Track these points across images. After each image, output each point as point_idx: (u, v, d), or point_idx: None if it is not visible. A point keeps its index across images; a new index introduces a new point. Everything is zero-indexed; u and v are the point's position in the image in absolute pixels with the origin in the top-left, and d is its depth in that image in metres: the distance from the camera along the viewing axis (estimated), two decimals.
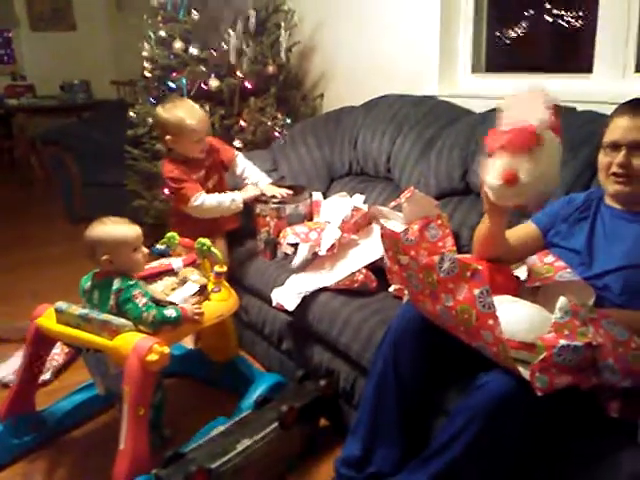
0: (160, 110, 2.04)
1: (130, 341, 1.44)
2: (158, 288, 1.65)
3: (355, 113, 2.55)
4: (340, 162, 2.53)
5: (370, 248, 1.88)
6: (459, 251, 1.82)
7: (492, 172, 1.27)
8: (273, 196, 2.11)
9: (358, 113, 2.52)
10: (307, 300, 1.79)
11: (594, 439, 1.13)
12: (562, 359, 1.08)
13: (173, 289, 1.66)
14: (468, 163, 1.96)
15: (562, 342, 1.09)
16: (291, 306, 1.77)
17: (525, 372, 1.12)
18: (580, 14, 2.35)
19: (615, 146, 1.33)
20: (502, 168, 1.25)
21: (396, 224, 1.91)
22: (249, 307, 2.12)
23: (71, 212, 4.09)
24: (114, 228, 1.55)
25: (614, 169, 1.33)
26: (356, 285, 1.78)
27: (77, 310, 1.53)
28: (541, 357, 1.09)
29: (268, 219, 2.09)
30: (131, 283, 1.53)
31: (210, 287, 1.74)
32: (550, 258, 1.43)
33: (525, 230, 1.53)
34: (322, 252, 1.86)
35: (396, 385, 1.40)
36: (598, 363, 1.11)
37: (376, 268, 1.82)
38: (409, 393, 1.40)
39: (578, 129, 1.69)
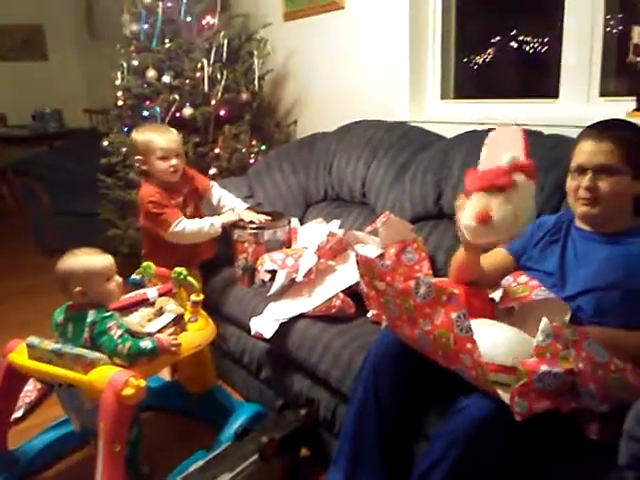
0: (133, 133, 2.09)
1: (105, 375, 1.41)
2: (134, 319, 1.63)
3: (329, 139, 2.57)
4: (315, 188, 2.55)
5: (347, 273, 1.88)
6: (435, 275, 1.84)
7: (467, 211, 1.30)
8: (251, 222, 2.11)
9: (332, 139, 2.55)
10: (286, 327, 1.78)
11: (574, 461, 1.13)
12: (542, 384, 1.09)
13: (149, 320, 1.64)
14: (441, 187, 1.99)
15: (543, 368, 1.09)
16: (268, 333, 1.76)
17: (504, 395, 1.12)
18: (545, 40, 2.42)
19: (581, 170, 1.36)
20: (476, 208, 1.27)
21: (372, 249, 1.92)
22: (227, 336, 2.10)
23: (42, 243, 4.02)
24: (86, 259, 1.53)
25: (581, 193, 1.36)
26: (334, 311, 1.77)
27: (50, 345, 1.49)
28: (522, 382, 1.09)
29: (246, 245, 2.08)
30: (106, 315, 1.50)
31: (187, 317, 1.72)
32: (524, 278, 1.46)
33: (499, 256, 1.55)
34: (299, 278, 1.86)
35: (376, 411, 1.39)
36: (578, 388, 1.11)
37: (354, 293, 1.83)
38: (389, 419, 1.39)
39: (546, 153, 1.73)
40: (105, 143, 2.95)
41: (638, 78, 1.77)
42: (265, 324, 1.79)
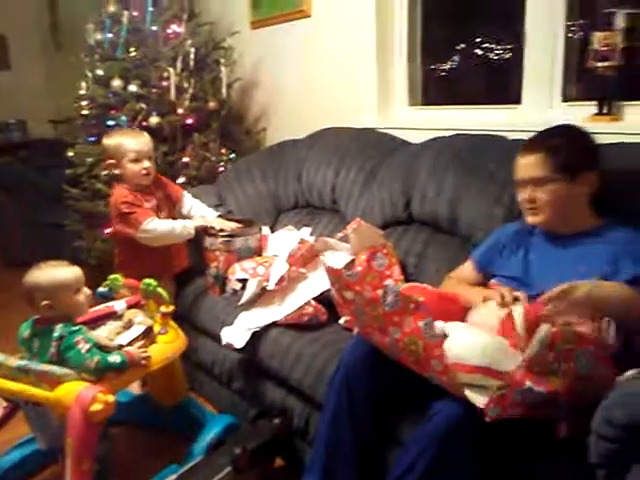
0: (104, 138, 2.10)
1: (73, 391, 1.37)
2: (103, 333, 1.59)
3: (298, 146, 2.57)
4: (286, 195, 2.54)
5: (318, 280, 1.88)
6: (406, 279, 1.84)
7: None
8: (222, 230, 2.10)
9: (301, 146, 2.55)
10: (257, 336, 1.76)
11: (545, 460, 1.14)
12: (521, 398, 1.08)
13: (118, 333, 1.60)
14: (410, 193, 2.00)
15: (528, 384, 1.07)
16: (239, 344, 1.74)
17: (476, 397, 1.12)
18: (508, 47, 2.47)
19: (521, 183, 1.45)
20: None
21: (343, 255, 1.92)
22: (198, 346, 2.07)
23: (7, 256, 3.92)
24: (52, 272, 1.49)
25: (524, 204, 1.46)
26: (306, 318, 1.77)
27: (15, 362, 1.45)
28: (501, 392, 1.08)
29: (217, 253, 2.07)
30: (74, 329, 1.46)
31: (156, 329, 1.69)
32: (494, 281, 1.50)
33: (468, 273, 1.62)
34: (271, 286, 1.85)
35: (350, 418, 1.38)
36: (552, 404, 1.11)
37: (326, 300, 1.82)
38: (363, 425, 1.39)
39: (509, 158, 1.76)
40: (70, 154, 2.90)
41: (598, 83, 1.81)
42: (236, 334, 1.77)
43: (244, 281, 1.93)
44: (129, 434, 1.94)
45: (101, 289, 1.79)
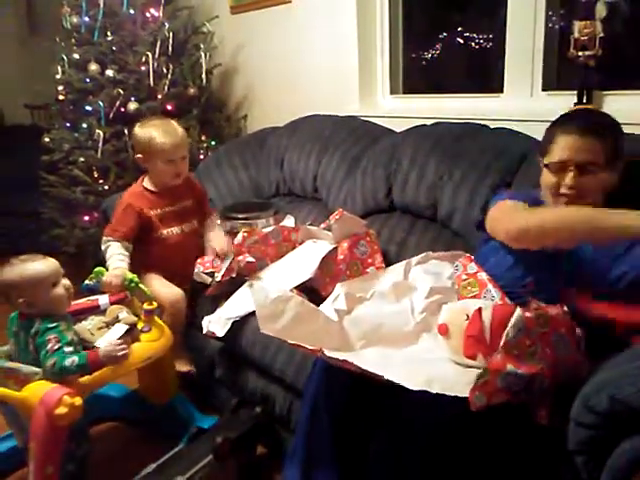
0: (135, 128, 1.91)
1: (39, 391, 1.31)
2: (87, 327, 1.54)
3: (280, 133, 2.55)
4: (267, 183, 2.52)
5: (299, 269, 1.86)
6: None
7: None
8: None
9: (283, 133, 2.53)
10: (238, 325, 1.75)
11: (523, 447, 1.15)
12: (505, 384, 1.08)
13: (100, 328, 1.55)
14: (391, 181, 2.00)
15: (509, 368, 1.07)
16: (221, 332, 1.73)
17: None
18: (490, 36, 2.47)
19: (563, 166, 1.33)
20: None
21: (325, 244, 1.92)
22: None
23: None
24: (24, 267, 1.43)
25: (563, 189, 1.33)
26: None
27: None
28: (483, 380, 1.07)
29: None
30: (50, 326, 1.41)
31: (140, 326, 1.63)
32: (473, 267, 1.43)
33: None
34: (217, 278, 1.83)
35: (328, 407, 1.38)
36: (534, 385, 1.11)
37: (308, 289, 1.81)
38: (342, 415, 1.39)
39: (492, 144, 1.77)
40: (46, 139, 2.84)
41: (579, 72, 1.82)
42: (217, 323, 1.76)
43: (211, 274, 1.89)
44: (117, 431, 1.90)
45: (87, 282, 1.73)
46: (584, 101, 1.82)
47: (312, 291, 1.80)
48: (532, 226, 1.27)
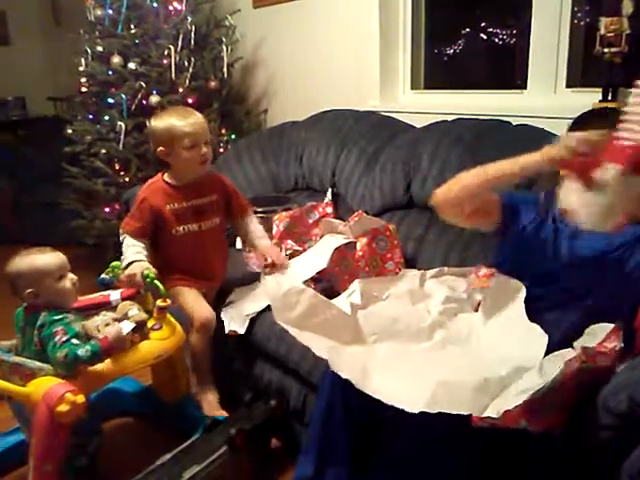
0: (151, 122, 1.81)
1: (42, 387, 1.30)
2: (96, 323, 1.52)
3: (300, 128, 2.55)
4: (286, 177, 2.52)
5: (315, 260, 1.85)
6: (406, 264, 1.83)
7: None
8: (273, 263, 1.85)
9: (302, 128, 2.53)
10: (254, 320, 1.76)
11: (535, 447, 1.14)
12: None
13: (107, 325, 1.51)
14: (411, 177, 1.99)
15: (522, 424, 1.02)
16: (242, 330, 1.73)
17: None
18: (514, 32, 2.44)
19: None
20: None
21: (341, 237, 1.90)
22: None
23: (3, 234, 3.90)
24: (33, 258, 1.44)
25: None
26: None
27: None
28: (492, 420, 1.03)
29: None
30: (56, 318, 1.41)
31: (150, 324, 1.59)
32: (484, 271, 1.47)
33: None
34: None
35: (343, 402, 1.38)
36: None
37: (327, 288, 1.80)
38: (357, 411, 1.38)
39: (514, 142, 1.74)
40: (69, 131, 2.88)
41: (604, 69, 1.79)
42: (237, 321, 1.76)
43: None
44: (125, 427, 1.90)
45: (103, 276, 1.72)
46: (609, 98, 1.79)
47: (331, 289, 1.80)
48: (439, 190, 1.39)
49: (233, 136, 2.91)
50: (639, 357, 1.09)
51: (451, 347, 1.33)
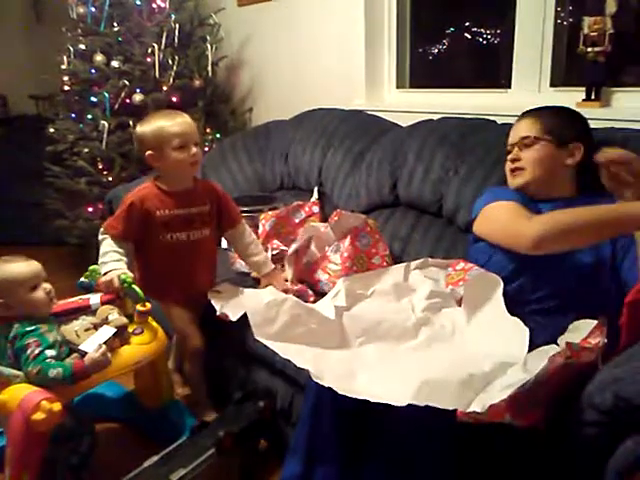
0: (137, 128, 1.72)
1: (18, 395, 1.27)
2: (75, 327, 1.49)
3: (285, 127, 2.54)
4: (272, 176, 2.52)
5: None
6: (392, 258, 1.83)
7: None
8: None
9: (288, 127, 2.52)
10: (242, 318, 1.74)
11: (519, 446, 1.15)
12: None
13: (87, 330, 1.48)
14: (397, 176, 1.99)
15: (507, 418, 1.02)
16: (234, 317, 1.65)
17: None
18: (498, 31, 2.45)
19: (510, 148, 1.51)
20: None
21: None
22: None
23: None
24: (4, 268, 1.38)
25: (508, 165, 1.50)
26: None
27: None
28: (477, 416, 1.03)
29: None
30: (29, 329, 1.36)
31: (131, 328, 1.54)
32: (461, 265, 1.52)
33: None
34: None
35: (332, 400, 1.38)
36: None
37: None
38: (345, 411, 1.38)
39: (498, 141, 1.75)
40: (51, 130, 2.84)
41: (587, 69, 1.80)
42: (229, 306, 1.69)
43: None
44: (112, 430, 1.86)
45: (82, 279, 1.68)
46: (592, 97, 1.81)
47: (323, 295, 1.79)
48: (550, 230, 1.27)
49: (218, 135, 2.89)
50: (623, 354, 1.10)
51: (436, 345, 1.34)
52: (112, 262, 1.62)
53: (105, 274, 1.61)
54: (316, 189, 2.25)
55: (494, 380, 1.14)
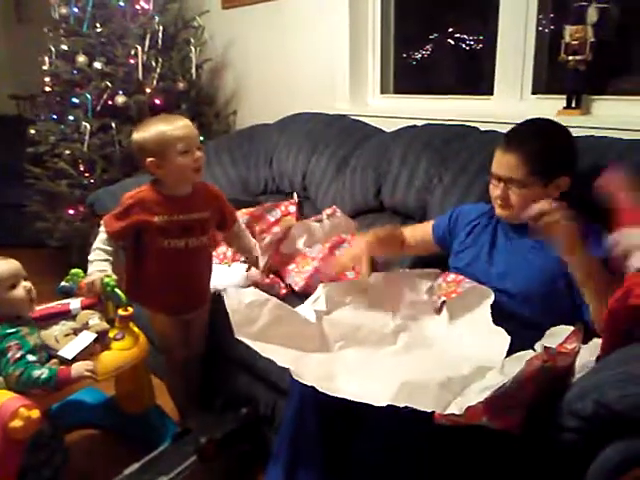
0: (135, 135, 1.63)
1: None
2: (54, 333, 1.47)
3: (270, 131, 2.54)
4: (256, 180, 2.51)
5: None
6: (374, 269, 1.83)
7: None
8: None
9: (272, 131, 2.52)
10: (223, 323, 1.71)
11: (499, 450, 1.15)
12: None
13: (67, 335, 1.46)
14: (381, 181, 2.00)
15: (484, 421, 1.02)
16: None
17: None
18: (481, 38, 2.48)
19: (496, 177, 1.43)
20: None
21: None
22: None
23: None
24: None
25: (495, 198, 1.44)
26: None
27: None
28: (455, 417, 1.03)
29: None
30: (9, 332, 1.34)
31: (112, 333, 1.52)
32: (452, 277, 1.51)
33: (426, 233, 1.66)
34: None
35: (316, 405, 1.37)
36: None
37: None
38: (329, 412, 1.38)
39: (481, 148, 1.77)
40: (32, 131, 2.80)
41: (569, 77, 1.82)
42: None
43: None
44: (91, 438, 1.84)
45: (63, 283, 1.66)
46: (573, 105, 1.83)
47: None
48: None
49: (202, 138, 2.86)
50: (602, 361, 1.11)
51: (415, 351, 1.35)
52: (98, 261, 1.58)
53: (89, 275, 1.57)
54: (295, 194, 2.24)
55: (472, 383, 1.15)
